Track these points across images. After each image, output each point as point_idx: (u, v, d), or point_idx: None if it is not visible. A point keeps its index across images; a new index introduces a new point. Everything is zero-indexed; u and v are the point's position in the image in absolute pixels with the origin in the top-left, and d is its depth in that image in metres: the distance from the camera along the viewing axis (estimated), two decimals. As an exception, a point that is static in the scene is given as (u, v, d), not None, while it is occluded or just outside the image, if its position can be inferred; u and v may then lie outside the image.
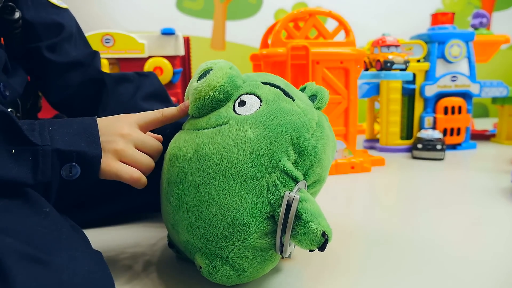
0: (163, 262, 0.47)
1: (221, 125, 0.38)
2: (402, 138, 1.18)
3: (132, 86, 0.63)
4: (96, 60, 0.65)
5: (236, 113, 0.39)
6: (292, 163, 0.38)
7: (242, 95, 0.40)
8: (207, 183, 0.36)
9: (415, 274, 0.43)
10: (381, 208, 0.68)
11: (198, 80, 0.41)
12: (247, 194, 0.36)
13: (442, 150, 1.02)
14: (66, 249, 0.32)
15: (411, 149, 1.10)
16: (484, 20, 1.26)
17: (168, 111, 0.45)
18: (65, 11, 0.63)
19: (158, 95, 0.65)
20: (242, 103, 0.40)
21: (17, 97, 0.56)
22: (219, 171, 0.36)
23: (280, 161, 0.37)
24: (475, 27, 1.29)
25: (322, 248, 0.34)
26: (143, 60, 1.00)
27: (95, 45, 0.96)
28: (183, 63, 1.09)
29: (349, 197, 0.77)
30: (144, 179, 0.41)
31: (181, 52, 1.03)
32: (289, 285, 0.42)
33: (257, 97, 0.40)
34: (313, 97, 0.45)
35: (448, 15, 1.18)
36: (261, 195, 0.36)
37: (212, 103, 0.40)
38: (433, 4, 2.00)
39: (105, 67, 0.96)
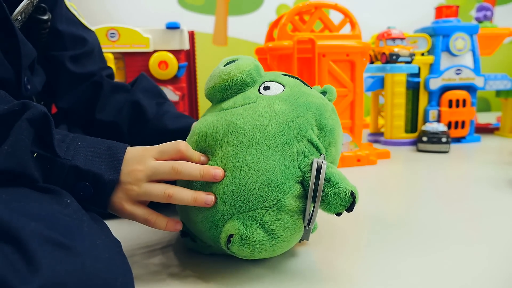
0: (178, 251, 0.48)
1: (249, 103, 0.42)
2: (406, 131, 1.18)
3: (128, 95, 0.66)
4: (105, 71, 0.68)
5: (262, 95, 0.43)
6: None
7: (266, 81, 0.45)
8: (240, 150, 0.39)
9: (420, 257, 0.44)
10: (389, 199, 0.68)
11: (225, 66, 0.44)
12: (279, 158, 0.38)
13: (447, 143, 1.02)
14: (88, 236, 0.33)
15: (416, 142, 1.10)
16: (489, 13, 1.26)
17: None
18: (92, 32, 0.68)
19: (148, 90, 0.68)
20: (267, 88, 0.44)
21: (34, 94, 0.57)
22: (251, 139, 0.39)
23: (306, 132, 0.40)
24: (479, 20, 1.29)
25: (350, 208, 0.37)
26: (148, 54, 1.00)
27: (99, 40, 0.96)
28: (188, 58, 1.09)
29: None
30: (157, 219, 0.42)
31: (186, 46, 1.03)
32: (303, 267, 0.42)
33: (280, 84, 0.44)
34: (323, 93, 0.49)
35: (452, 8, 1.18)
36: (292, 160, 0.39)
37: (238, 85, 0.44)
38: (435, -2, 2.00)
39: (110, 62, 0.96)
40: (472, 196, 0.68)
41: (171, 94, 1.02)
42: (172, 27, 1.00)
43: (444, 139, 1.03)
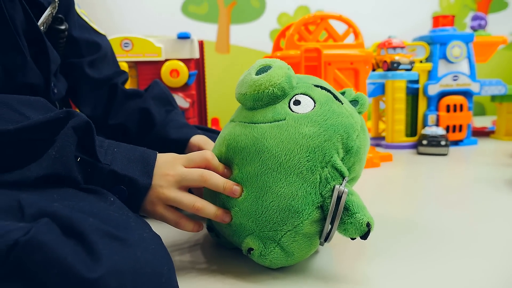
0: (204, 248, 0.51)
1: (278, 121, 0.42)
2: (407, 135, 1.23)
3: (139, 101, 0.70)
4: (121, 77, 0.72)
5: (292, 111, 0.43)
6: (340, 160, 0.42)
7: (297, 94, 0.44)
8: (265, 172, 0.41)
9: (427, 257, 0.47)
10: (395, 201, 0.73)
11: (257, 74, 0.44)
12: (302, 184, 0.40)
13: (446, 146, 1.07)
14: (136, 230, 0.36)
15: (416, 145, 1.15)
16: (483, 22, 1.32)
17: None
18: (104, 36, 0.72)
19: (159, 98, 0.72)
20: (297, 102, 0.43)
21: (59, 99, 0.61)
22: (277, 162, 0.40)
23: (332, 157, 0.41)
24: (474, 28, 1.35)
25: (364, 237, 0.39)
26: (160, 63, 1.04)
27: (114, 49, 1.00)
28: (197, 66, 1.13)
29: (362, 190, 0.81)
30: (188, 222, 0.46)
31: (196, 55, 1.07)
32: (322, 265, 0.46)
33: (311, 98, 0.44)
34: (354, 102, 0.49)
35: (448, 18, 1.23)
36: (314, 187, 0.40)
37: (269, 98, 0.43)
38: (430, 6, 2.06)
39: (124, 70, 1.00)
40: (472, 197, 0.72)
41: (182, 101, 1.06)
42: (183, 37, 1.04)
43: (443, 142, 1.08)
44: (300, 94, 0.44)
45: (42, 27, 0.55)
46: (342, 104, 0.45)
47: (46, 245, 0.28)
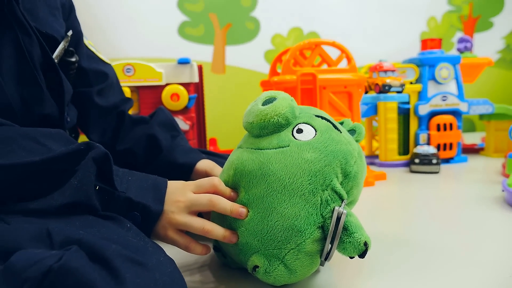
0: (212, 269, 0.54)
1: (283, 147, 0.46)
2: (399, 154, 1.27)
3: (146, 127, 0.73)
4: (127, 104, 0.75)
5: (295, 138, 0.47)
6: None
7: (300, 123, 0.48)
8: (271, 194, 0.44)
9: (422, 272, 0.50)
10: (390, 217, 0.76)
11: (263, 105, 0.48)
12: (304, 206, 0.43)
13: (437, 164, 1.11)
14: (153, 254, 0.39)
15: (408, 164, 1.19)
16: (469, 44, 1.38)
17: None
18: (109, 65, 0.75)
19: (164, 124, 0.75)
20: (300, 131, 0.48)
21: (70, 126, 0.64)
22: (281, 185, 0.44)
23: (331, 181, 0.44)
24: (460, 51, 1.41)
25: (362, 255, 0.42)
26: (161, 87, 1.08)
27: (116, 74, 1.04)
28: (196, 89, 1.17)
29: (359, 208, 0.84)
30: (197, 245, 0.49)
31: (196, 79, 1.11)
32: (323, 283, 0.49)
33: (312, 127, 0.48)
34: (351, 131, 0.54)
35: (436, 41, 1.29)
36: (316, 208, 0.43)
37: (274, 126, 0.47)
38: (419, 27, 2.14)
39: (127, 95, 1.03)
40: (464, 213, 0.76)
41: (182, 123, 1.10)
42: (183, 62, 1.08)
43: (434, 161, 1.12)
44: (303, 123, 0.48)
45: (55, 60, 0.58)
46: (341, 132, 0.49)
47: (77, 270, 0.31)
